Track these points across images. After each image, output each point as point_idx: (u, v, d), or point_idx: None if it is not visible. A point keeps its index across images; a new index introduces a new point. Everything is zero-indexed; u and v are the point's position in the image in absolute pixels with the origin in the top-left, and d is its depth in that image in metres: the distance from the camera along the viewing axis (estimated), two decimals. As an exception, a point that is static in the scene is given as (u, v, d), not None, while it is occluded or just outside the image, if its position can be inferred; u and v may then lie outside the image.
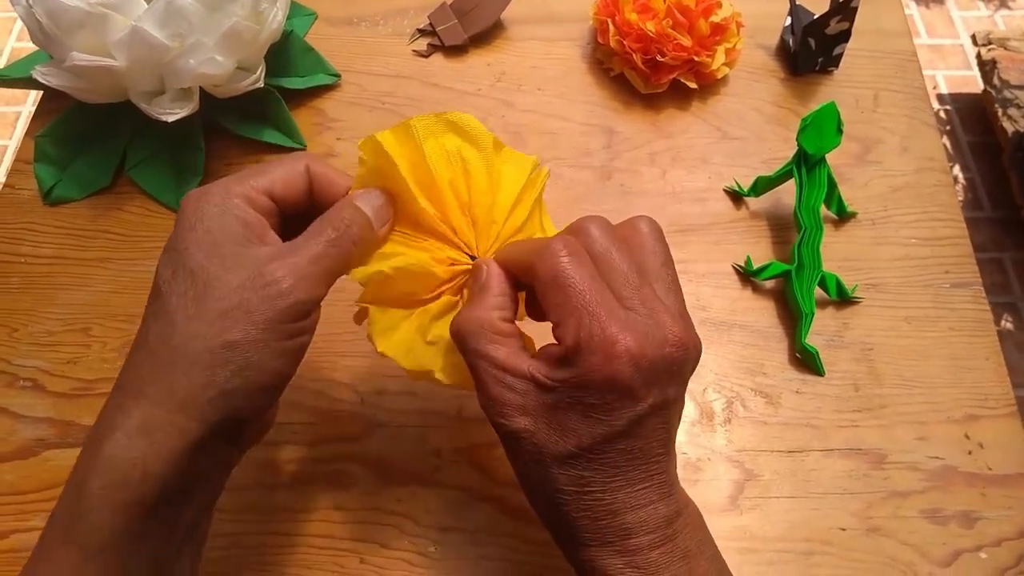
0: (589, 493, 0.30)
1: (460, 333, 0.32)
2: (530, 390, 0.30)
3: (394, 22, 0.63)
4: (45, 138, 0.54)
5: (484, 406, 0.31)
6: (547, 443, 0.30)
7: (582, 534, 0.30)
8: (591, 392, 0.29)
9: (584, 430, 0.29)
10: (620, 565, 0.30)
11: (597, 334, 0.28)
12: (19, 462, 0.45)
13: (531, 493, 0.32)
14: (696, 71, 0.59)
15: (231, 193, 0.32)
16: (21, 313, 0.50)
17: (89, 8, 0.46)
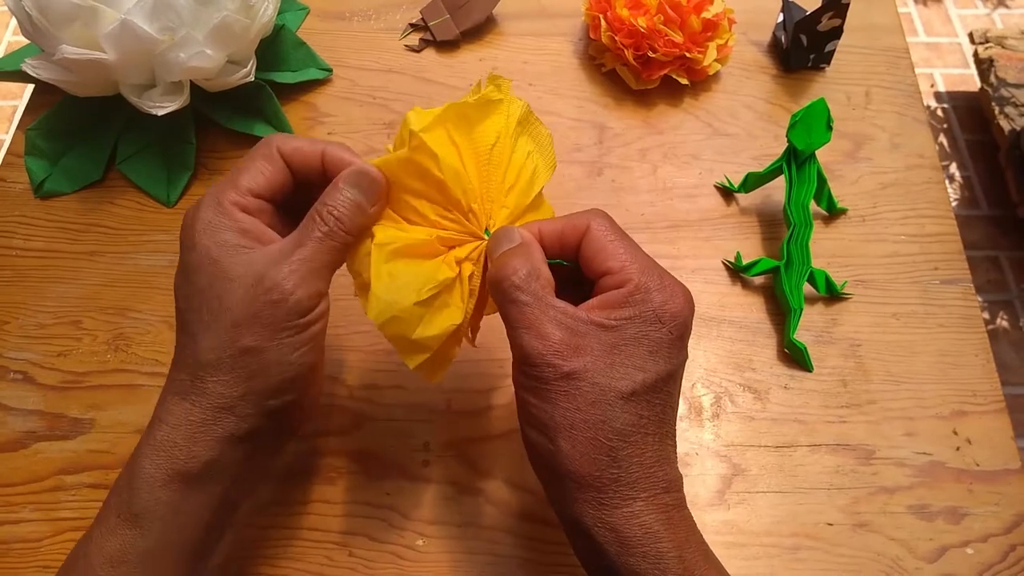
0: (644, 436, 0.31)
1: (515, 273, 0.32)
2: (589, 331, 0.31)
3: (386, 17, 0.63)
4: (36, 131, 0.54)
5: (532, 348, 0.31)
6: (611, 380, 0.30)
7: (632, 485, 0.30)
8: (662, 327, 0.31)
9: (650, 366, 0.31)
10: (663, 520, 0.30)
11: (659, 277, 0.32)
12: (9, 454, 0.45)
13: (576, 443, 0.31)
14: (687, 67, 0.59)
15: (220, 205, 0.33)
16: (12, 306, 0.50)
17: (79, 1, 0.46)
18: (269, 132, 0.56)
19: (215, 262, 0.33)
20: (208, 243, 0.33)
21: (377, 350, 0.48)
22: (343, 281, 0.50)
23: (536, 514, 0.44)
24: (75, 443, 0.45)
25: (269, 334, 0.32)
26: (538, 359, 0.31)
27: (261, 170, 0.35)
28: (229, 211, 0.33)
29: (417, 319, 0.33)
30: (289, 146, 0.35)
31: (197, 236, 0.33)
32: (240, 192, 0.34)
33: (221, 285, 0.32)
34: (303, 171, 0.35)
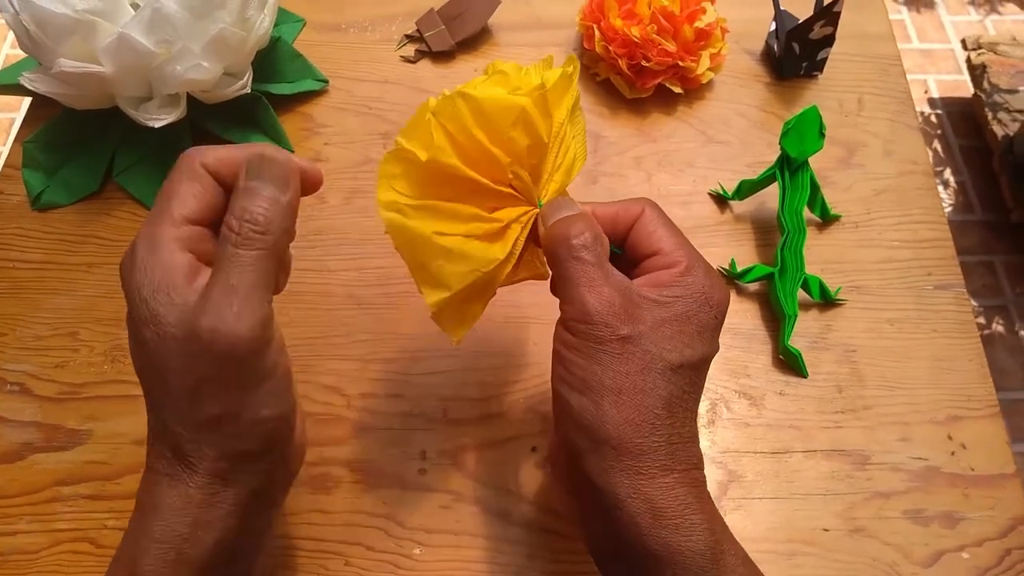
0: (685, 410, 0.32)
1: (578, 235, 0.32)
2: (643, 302, 0.32)
3: (382, 28, 0.64)
4: (34, 144, 0.55)
5: (592, 306, 0.31)
6: (662, 350, 0.31)
7: (670, 456, 0.31)
8: (709, 310, 0.32)
9: (697, 344, 0.32)
10: (695, 493, 0.31)
11: (705, 265, 0.33)
12: (5, 466, 0.45)
13: (624, 408, 0.30)
14: (681, 76, 0.59)
15: (154, 244, 0.30)
16: (9, 318, 0.50)
17: (76, 15, 0.46)
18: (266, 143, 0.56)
19: (155, 317, 0.29)
20: (144, 294, 0.29)
21: (374, 359, 0.49)
22: (340, 291, 0.51)
23: (534, 521, 0.44)
24: (72, 454, 0.46)
25: (229, 396, 0.29)
26: (597, 317, 0.31)
27: (191, 192, 0.31)
28: (166, 251, 0.29)
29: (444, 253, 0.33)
30: (211, 158, 0.31)
31: (136, 286, 0.29)
32: (175, 223, 0.30)
33: (164, 347, 0.29)
34: (233, 181, 0.31)
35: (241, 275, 0.29)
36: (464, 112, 0.33)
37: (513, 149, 0.34)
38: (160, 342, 0.29)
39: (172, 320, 0.29)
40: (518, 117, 0.34)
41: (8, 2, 0.48)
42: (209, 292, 0.29)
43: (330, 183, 0.56)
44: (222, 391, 0.29)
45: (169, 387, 0.29)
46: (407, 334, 0.49)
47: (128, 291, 0.30)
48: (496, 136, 0.34)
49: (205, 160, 0.31)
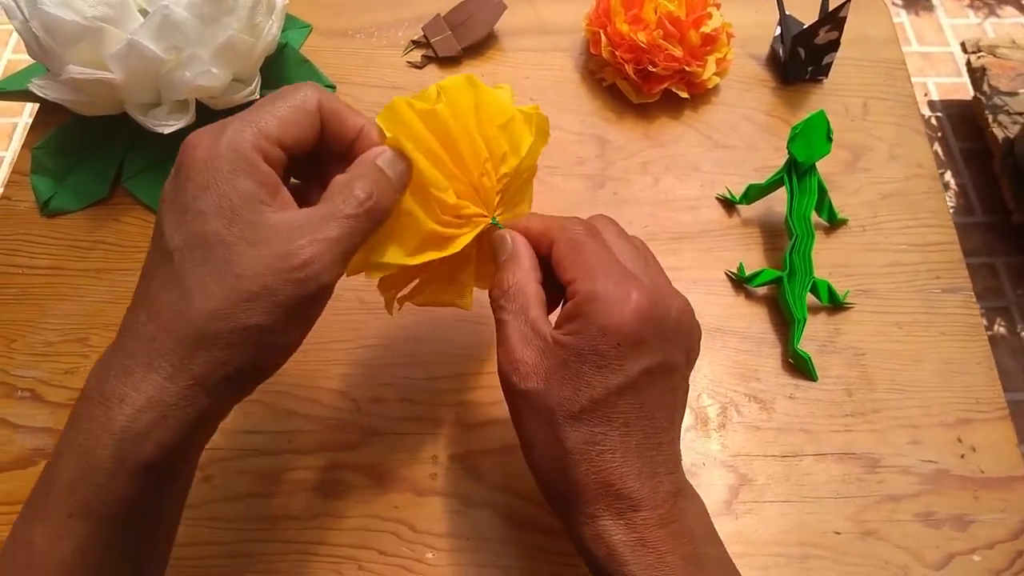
0: (600, 453, 0.30)
1: (503, 294, 0.33)
2: (548, 349, 0.31)
3: (388, 34, 0.64)
4: (42, 150, 0.55)
5: (501, 364, 0.32)
6: (560, 401, 0.30)
7: (590, 503, 0.30)
8: (605, 338, 0.30)
9: (597, 381, 0.30)
10: (629, 542, 0.30)
11: (612, 285, 0.30)
12: (17, 471, 0.45)
13: (538, 460, 0.32)
14: (687, 81, 0.59)
15: (244, 146, 0.29)
16: (19, 324, 0.50)
17: (86, 22, 0.46)
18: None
19: (234, 214, 0.28)
20: (227, 188, 0.28)
21: (384, 364, 0.49)
22: (349, 295, 0.51)
23: (545, 525, 0.44)
24: (83, 461, 0.45)
25: (282, 315, 0.28)
26: (503, 375, 0.32)
27: (295, 120, 0.31)
28: (252, 156, 0.29)
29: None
30: (332, 106, 0.32)
31: (214, 174, 0.28)
32: (268, 139, 0.30)
33: (237, 246, 0.28)
34: (334, 138, 0.32)
35: (348, 235, 0.30)
36: (468, 94, 0.35)
37: (492, 149, 0.35)
38: (232, 241, 0.28)
39: (255, 227, 0.28)
40: (510, 120, 0.35)
41: (17, 9, 0.48)
42: (315, 228, 0.29)
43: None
44: (278, 308, 0.28)
45: (228, 281, 0.28)
46: (416, 338, 0.50)
47: (196, 176, 0.28)
48: (483, 130, 0.35)
49: (325, 104, 0.32)
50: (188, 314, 0.28)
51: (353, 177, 0.31)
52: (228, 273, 0.28)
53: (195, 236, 0.28)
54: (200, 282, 0.28)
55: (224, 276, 0.28)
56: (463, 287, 0.40)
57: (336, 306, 0.51)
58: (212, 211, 0.28)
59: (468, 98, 0.35)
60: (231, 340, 0.28)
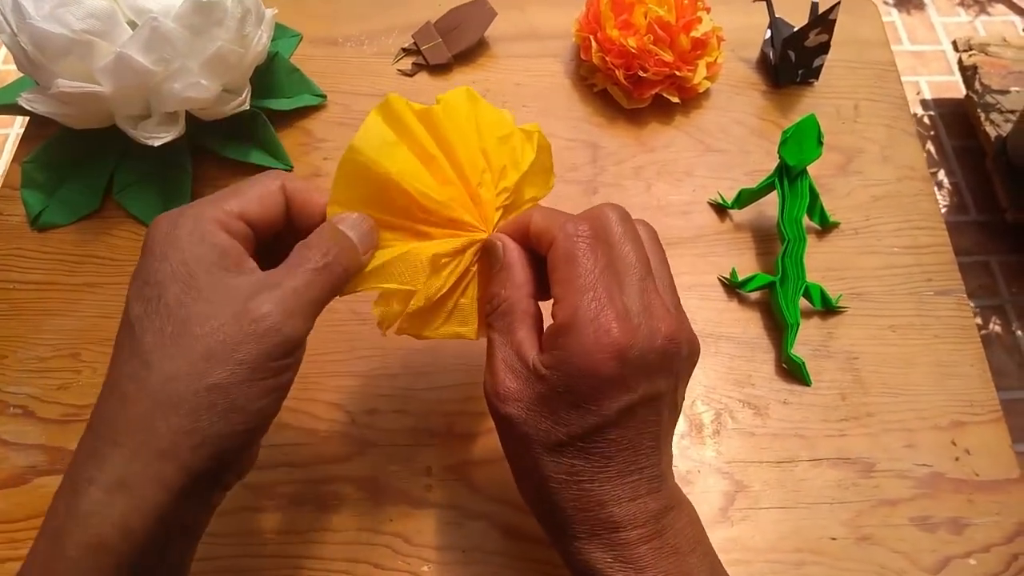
0: (578, 483, 0.30)
1: (492, 311, 0.33)
2: (530, 377, 0.31)
3: (378, 42, 0.64)
4: (32, 164, 0.54)
5: (486, 384, 0.32)
6: (538, 432, 0.30)
7: (571, 525, 0.30)
8: (582, 380, 0.29)
9: (575, 420, 0.30)
10: (608, 559, 0.30)
11: (593, 315, 0.29)
12: (10, 490, 0.45)
13: (521, 480, 0.33)
14: (678, 85, 0.59)
15: (204, 218, 0.30)
16: (10, 340, 0.50)
17: (74, 35, 0.46)
18: (265, 159, 0.56)
19: (191, 277, 0.28)
20: (186, 255, 0.29)
21: (378, 375, 0.49)
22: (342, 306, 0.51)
23: (540, 537, 0.43)
24: (77, 476, 0.45)
25: (244, 373, 0.28)
26: (486, 395, 0.32)
27: (257, 197, 0.32)
28: (211, 227, 0.30)
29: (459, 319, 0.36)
30: (295, 186, 0.33)
31: (171, 245, 0.29)
32: (227, 212, 0.30)
33: (194, 307, 0.28)
34: (299, 218, 0.33)
35: (309, 290, 0.30)
36: (467, 105, 0.35)
37: (491, 161, 0.35)
38: (189, 303, 0.28)
39: (212, 288, 0.28)
40: (510, 135, 0.35)
41: (5, 23, 0.48)
42: (273, 284, 0.29)
43: (330, 198, 0.56)
44: (240, 366, 0.28)
45: (187, 343, 0.27)
46: (411, 349, 0.49)
47: (157, 249, 0.29)
48: (482, 141, 0.35)
49: (289, 186, 0.33)
50: (148, 381, 0.27)
51: (314, 238, 0.32)
52: (186, 333, 0.27)
53: (153, 304, 0.28)
54: (159, 347, 0.27)
55: (182, 336, 0.27)
56: (465, 313, 0.37)
57: (330, 318, 0.50)
58: (169, 279, 0.28)
59: (467, 108, 0.35)
60: (194, 404, 0.27)
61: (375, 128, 0.32)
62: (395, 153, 0.33)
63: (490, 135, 0.35)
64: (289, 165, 0.57)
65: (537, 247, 0.33)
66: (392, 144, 0.33)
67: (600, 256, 0.31)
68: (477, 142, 0.35)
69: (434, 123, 0.33)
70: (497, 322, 0.32)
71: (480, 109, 0.35)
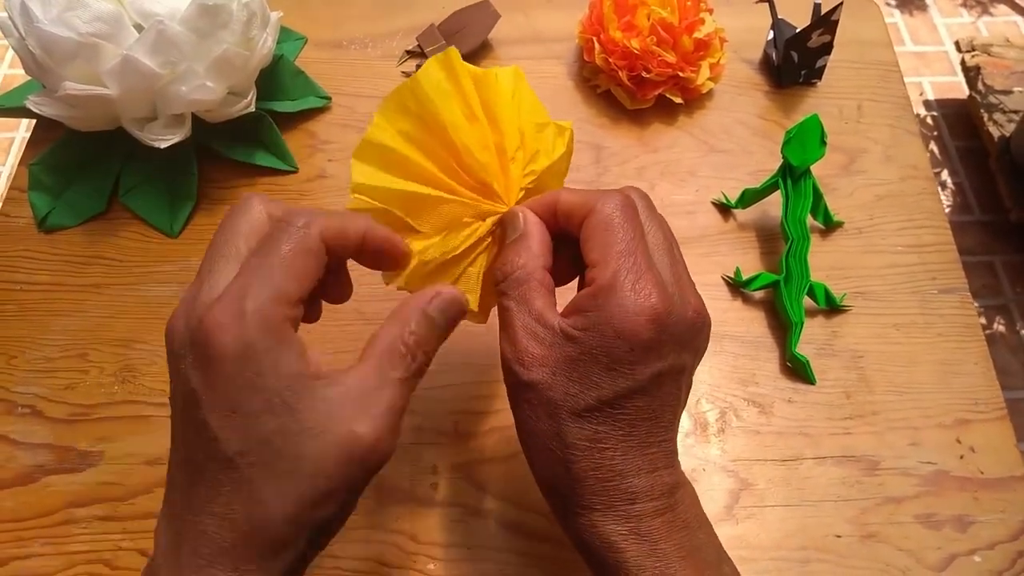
0: (601, 451, 0.30)
1: (505, 278, 0.32)
2: (556, 342, 0.30)
3: (383, 44, 0.64)
4: (39, 166, 0.55)
5: (505, 353, 0.31)
6: (565, 396, 0.30)
7: (587, 497, 0.30)
8: (620, 342, 0.29)
9: (607, 383, 0.29)
10: (623, 532, 0.30)
11: (633, 279, 0.29)
12: (18, 488, 0.45)
13: (537, 452, 0.31)
14: (681, 86, 0.60)
15: (273, 320, 0.27)
16: (19, 340, 0.50)
17: (81, 38, 0.47)
18: (270, 160, 0.57)
19: (289, 407, 0.26)
20: (274, 380, 0.26)
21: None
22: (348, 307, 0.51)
23: (547, 534, 0.44)
24: (84, 476, 0.46)
25: (348, 497, 0.28)
26: (505, 364, 0.31)
27: (306, 268, 0.28)
28: (284, 330, 0.27)
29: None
30: (332, 231, 0.29)
31: (256, 366, 0.26)
32: (290, 302, 0.27)
33: (299, 438, 0.26)
34: (341, 255, 0.31)
35: (404, 400, 0.29)
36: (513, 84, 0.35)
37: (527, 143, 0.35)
38: (291, 432, 0.26)
39: (309, 410, 0.27)
40: (547, 124, 0.36)
41: (13, 26, 0.48)
42: (369, 401, 0.28)
43: (334, 199, 0.56)
44: (349, 493, 0.28)
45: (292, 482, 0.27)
46: (415, 349, 0.50)
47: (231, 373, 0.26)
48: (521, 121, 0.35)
49: (326, 233, 0.29)
50: (266, 521, 0.26)
51: (399, 333, 0.29)
52: (298, 472, 0.27)
53: (255, 439, 0.26)
54: (273, 487, 0.26)
55: (295, 475, 0.27)
56: (471, 282, 0.36)
57: (336, 318, 0.51)
58: (266, 409, 0.26)
59: (513, 87, 0.35)
60: (309, 536, 0.27)
61: (434, 74, 0.33)
62: (449, 102, 0.33)
63: (529, 119, 0.35)
64: (294, 167, 0.57)
65: (567, 222, 0.33)
66: (447, 93, 0.33)
67: (637, 227, 0.31)
68: (516, 120, 0.35)
69: (484, 87, 0.34)
70: (513, 289, 0.32)
71: (523, 92, 0.36)
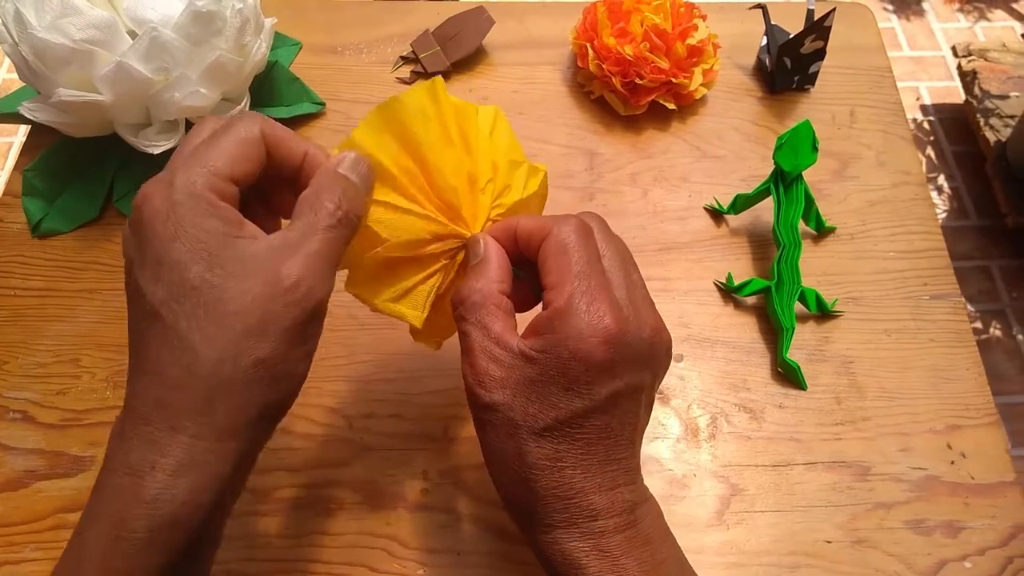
0: (561, 469, 0.30)
1: (462, 302, 0.33)
2: (515, 364, 0.31)
3: (377, 50, 0.64)
4: (33, 172, 0.55)
5: (466, 375, 0.32)
6: (524, 416, 0.30)
7: (549, 514, 0.31)
8: (575, 363, 0.30)
9: (564, 403, 0.30)
10: (585, 548, 0.30)
11: (588, 301, 0.30)
12: (9, 494, 0.45)
13: (500, 472, 0.32)
14: (674, 92, 0.60)
15: (198, 189, 0.29)
16: (11, 345, 0.50)
17: (75, 45, 0.47)
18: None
19: (211, 255, 0.28)
20: (196, 231, 0.28)
21: (375, 379, 0.49)
22: (340, 311, 0.51)
23: (537, 540, 0.44)
24: (76, 481, 0.46)
25: (285, 343, 0.28)
26: (466, 386, 0.32)
27: (242, 154, 0.30)
28: (210, 197, 0.29)
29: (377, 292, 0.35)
30: (275, 134, 0.31)
31: (177, 222, 0.28)
32: (220, 176, 0.29)
33: (223, 284, 0.28)
34: (279, 166, 0.32)
35: (329, 247, 0.30)
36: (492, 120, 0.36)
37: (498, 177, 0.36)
38: (217, 280, 0.28)
39: (234, 261, 0.28)
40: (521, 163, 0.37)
41: (7, 33, 0.48)
42: (295, 248, 0.29)
43: (328, 205, 0.56)
44: (282, 335, 0.28)
45: (225, 321, 0.28)
46: (406, 353, 0.50)
47: (160, 229, 0.28)
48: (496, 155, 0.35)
49: (269, 133, 0.31)
50: (195, 367, 0.27)
51: (319, 189, 0.31)
52: (223, 312, 0.28)
53: (178, 286, 0.28)
54: (198, 330, 0.27)
55: (221, 316, 0.28)
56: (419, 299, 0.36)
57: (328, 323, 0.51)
58: (188, 258, 0.28)
59: (491, 123, 0.36)
60: (245, 381, 0.28)
61: (419, 96, 0.33)
62: (428, 124, 0.33)
63: (504, 155, 0.36)
64: (288, 172, 0.57)
65: (526, 247, 0.34)
66: (428, 115, 0.33)
67: (591, 250, 0.32)
68: (491, 154, 0.36)
69: (464, 118, 0.34)
70: (471, 313, 0.32)
71: (502, 129, 0.37)
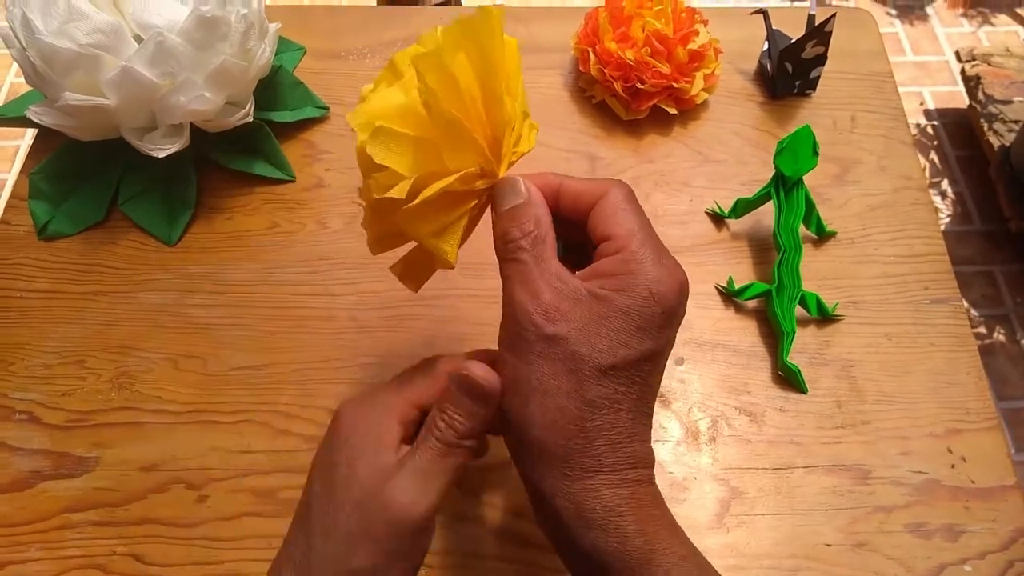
0: (617, 411, 0.30)
1: (524, 235, 0.32)
2: (581, 298, 0.31)
3: (381, 54, 0.65)
4: (39, 175, 0.56)
5: (525, 306, 0.31)
6: (593, 351, 0.30)
7: (596, 458, 0.30)
8: (653, 304, 0.30)
9: (634, 343, 0.30)
10: (624, 495, 0.30)
11: (658, 254, 0.31)
12: (15, 494, 0.46)
13: (544, 410, 0.31)
14: (676, 97, 0.60)
15: (377, 405, 0.34)
16: (17, 347, 0.51)
17: (81, 50, 0.47)
18: (268, 170, 0.57)
19: (351, 464, 0.32)
20: (355, 441, 0.33)
21: (375, 381, 0.49)
22: (342, 314, 0.51)
23: (539, 542, 0.44)
24: (81, 481, 0.46)
25: (381, 558, 0.31)
26: (524, 316, 0.31)
27: (425, 385, 0.34)
28: (385, 414, 0.33)
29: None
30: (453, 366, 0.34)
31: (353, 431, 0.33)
32: (403, 399, 0.34)
33: (347, 487, 0.32)
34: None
35: (432, 464, 0.32)
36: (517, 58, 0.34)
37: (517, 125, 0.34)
38: (346, 482, 0.32)
39: (364, 472, 0.32)
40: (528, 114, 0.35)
41: (15, 38, 0.49)
42: (403, 466, 0.32)
43: (331, 208, 0.57)
44: (378, 550, 0.31)
45: (337, 526, 0.31)
46: (407, 355, 0.50)
47: (342, 432, 0.33)
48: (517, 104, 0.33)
49: (449, 368, 0.34)
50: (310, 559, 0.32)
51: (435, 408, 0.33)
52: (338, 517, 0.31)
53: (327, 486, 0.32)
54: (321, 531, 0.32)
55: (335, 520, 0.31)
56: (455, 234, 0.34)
57: (330, 326, 0.51)
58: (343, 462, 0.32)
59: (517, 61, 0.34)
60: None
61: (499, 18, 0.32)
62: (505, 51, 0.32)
63: (522, 103, 0.34)
64: (292, 176, 0.58)
65: (571, 206, 0.34)
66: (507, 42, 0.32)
67: (642, 211, 0.33)
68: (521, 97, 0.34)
69: (512, 53, 0.33)
70: (534, 247, 0.32)
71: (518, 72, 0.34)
